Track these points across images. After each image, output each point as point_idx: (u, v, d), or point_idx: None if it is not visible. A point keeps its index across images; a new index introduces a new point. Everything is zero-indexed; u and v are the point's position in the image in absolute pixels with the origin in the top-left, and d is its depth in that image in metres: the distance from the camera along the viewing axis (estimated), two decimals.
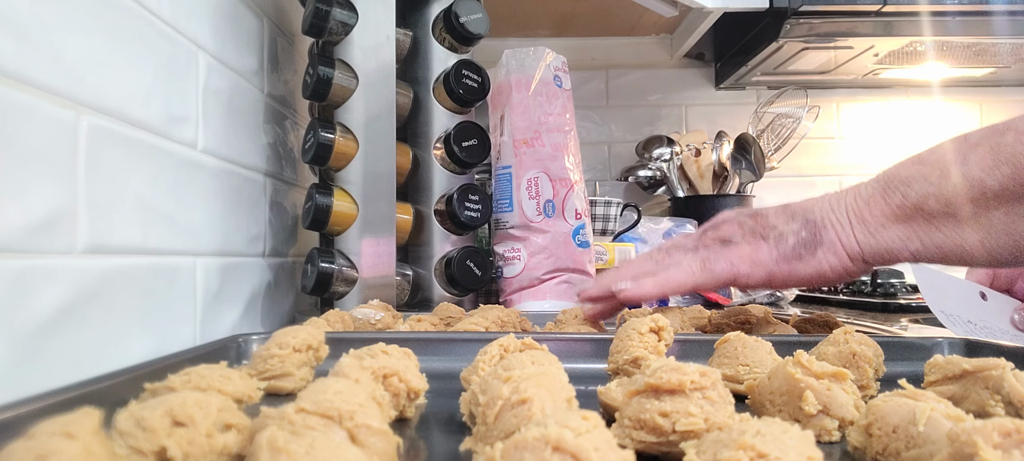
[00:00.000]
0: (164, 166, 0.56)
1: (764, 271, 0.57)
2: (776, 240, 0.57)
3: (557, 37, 1.56)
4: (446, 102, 0.83)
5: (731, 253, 0.58)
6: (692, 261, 0.59)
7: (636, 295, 0.59)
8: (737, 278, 0.58)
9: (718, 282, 0.58)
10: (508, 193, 0.88)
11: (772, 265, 0.57)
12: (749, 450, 0.23)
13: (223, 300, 0.67)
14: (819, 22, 1.20)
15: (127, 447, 0.27)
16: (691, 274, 0.59)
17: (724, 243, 0.59)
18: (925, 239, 0.52)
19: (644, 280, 0.59)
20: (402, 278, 0.83)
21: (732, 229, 0.60)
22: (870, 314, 0.96)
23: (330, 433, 0.26)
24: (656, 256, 0.62)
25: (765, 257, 0.57)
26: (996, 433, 0.24)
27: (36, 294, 0.41)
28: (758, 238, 0.58)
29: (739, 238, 0.59)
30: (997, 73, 1.47)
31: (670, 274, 0.59)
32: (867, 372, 0.42)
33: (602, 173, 1.60)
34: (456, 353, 0.51)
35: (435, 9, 0.84)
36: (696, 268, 0.59)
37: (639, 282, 0.59)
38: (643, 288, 0.59)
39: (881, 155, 1.61)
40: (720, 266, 0.58)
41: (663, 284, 0.59)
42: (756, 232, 0.58)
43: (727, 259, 0.58)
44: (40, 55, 0.41)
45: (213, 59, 0.66)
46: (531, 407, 0.29)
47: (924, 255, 0.53)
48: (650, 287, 0.59)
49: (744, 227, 0.59)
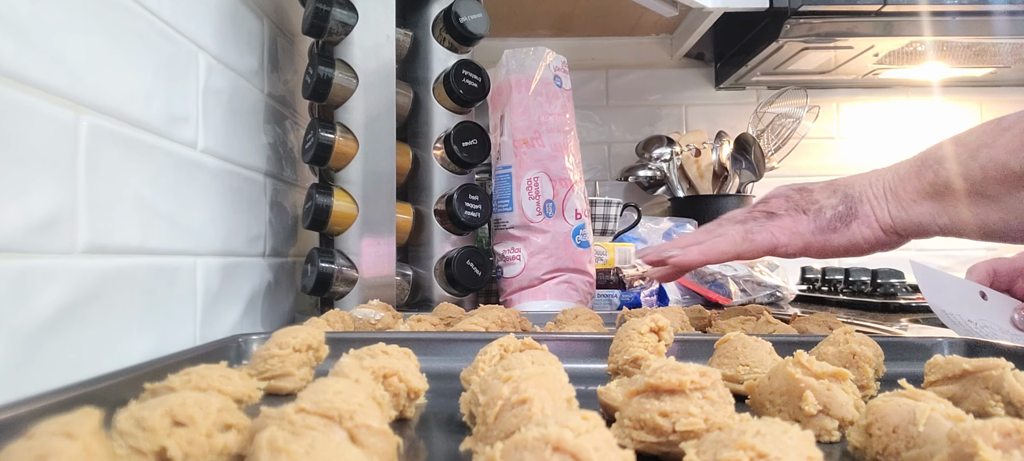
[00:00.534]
0: (164, 166, 0.56)
1: (801, 241, 0.62)
2: (815, 213, 0.62)
3: (557, 37, 1.56)
4: (446, 102, 0.83)
5: (773, 225, 0.63)
6: (736, 231, 0.64)
7: (683, 261, 0.65)
8: (776, 247, 0.62)
9: (758, 251, 0.63)
10: (508, 193, 0.88)
11: (809, 235, 0.61)
12: (749, 450, 0.23)
13: (223, 300, 0.67)
14: (819, 22, 1.20)
15: (127, 447, 0.27)
16: (733, 243, 0.63)
17: (769, 216, 0.64)
18: (953, 215, 0.56)
19: (691, 248, 0.65)
20: (402, 278, 0.83)
21: (778, 203, 0.64)
22: (870, 314, 0.96)
23: (330, 433, 0.26)
24: (709, 227, 0.67)
25: (803, 228, 0.62)
26: (996, 433, 0.24)
27: (36, 294, 0.41)
28: (799, 211, 0.63)
29: (783, 211, 0.64)
30: (997, 73, 1.47)
31: (715, 243, 0.64)
32: (867, 372, 0.42)
33: (602, 173, 1.60)
34: (456, 353, 0.51)
35: (435, 9, 0.84)
36: (738, 238, 0.63)
37: (687, 250, 0.65)
38: (690, 255, 0.65)
39: (881, 155, 1.61)
40: (762, 236, 0.63)
41: (708, 252, 0.64)
42: (799, 206, 0.63)
43: (768, 230, 0.63)
44: (40, 55, 0.41)
45: (213, 59, 0.66)
46: (531, 407, 0.29)
47: (951, 230, 0.56)
48: (696, 254, 0.65)
49: (790, 201, 0.64)
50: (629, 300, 0.96)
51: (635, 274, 0.98)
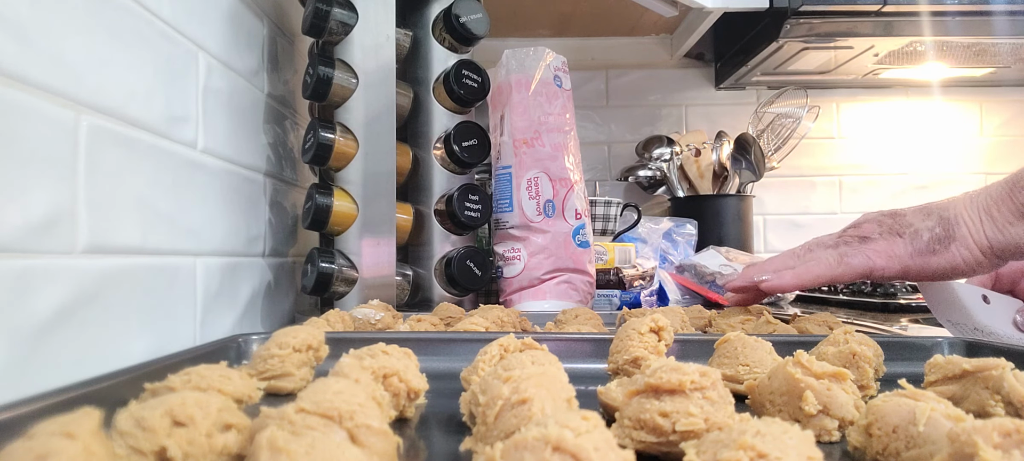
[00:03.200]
0: (164, 166, 0.56)
1: (899, 265, 0.61)
2: (911, 236, 0.61)
3: (557, 37, 1.56)
4: (446, 102, 0.83)
5: (868, 248, 0.62)
6: (830, 255, 0.63)
7: (776, 285, 0.65)
8: (873, 270, 0.62)
9: (855, 274, 0.63)
10: (508, 193, 0.88)
11: (907, 259, 0.61)
12: (749, 450, 0.23)
13: (223, 300, 0.67)
14: (819, 22, 1.20)
15: (127, 447, 0.27)
16: (828, 267, 0.63)
17: (863, 240, 0.63)
18: None
19: (784, 273, 0.65)
20: (402, 278, 0.83)
21: (871, 227, 0.64)
22: (870, 314, 0.96)
23: (330, 433, 0.26)
24: (798, 252, 0.67)
25: (900, 251, 0.61)
26: (996, 433, 0.24)
27: (36, 294, 0.41)
28: (894, 234, 0.62)
29: (877, 235, 0.63)
30: (997, 73, 1.47)
31: (809, 267, 0.64)
32: (867, 372, 0.42)
33: (602, 173, 1.60)
34: (456, 353, 0.51)
35: (435, 9, 0.84)
36: (833, 261, 0.63)
37: (780, 274, 0.65)
38: (783, 279, 0.65)
39: (881, 155, 1.61)
40: (857, 260, 0.62)
41: (802, 276, 0.64)
42: (893, 229, 0.63)
43: (864, 253, 0.62)
44: (40, 55, 0.41)
45: (213, 59, 0.66)
46: (531, 407, 0.29)
47: None
48: (790, 279, 0.64)
49: (883, 225, 0.63)
50: (629, 300, 0.96)
51: (635, 274, 0.98)
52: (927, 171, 1.60)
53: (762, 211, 1.59)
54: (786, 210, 1.61)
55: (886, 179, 1.60)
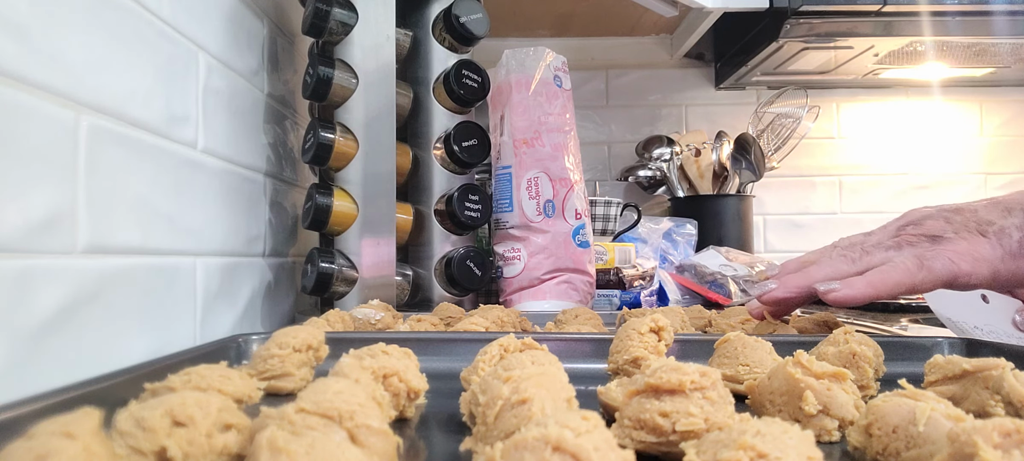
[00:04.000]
0: (164, 166, 0.56)
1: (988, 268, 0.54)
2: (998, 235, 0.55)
3: (557, 37, 1.56)
4: (446, 102, 0.83)
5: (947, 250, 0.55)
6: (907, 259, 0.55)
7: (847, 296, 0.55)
8: (958, 276, 0.54)
9: (938, 281, 0.55)
10: (508, 193, 0.88)
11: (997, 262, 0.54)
12: (749, 450, 0.23)
13: (223, 300, 0.67)
14: (819, 22, 1.20)
15: (127, 447, 0.27)
16: (908, 273, 0.54)
17: (934, 239, 0.56)
18: None
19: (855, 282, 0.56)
20: (402, 278, 0.83)
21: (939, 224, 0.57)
22: (870, 314, 0.96)
23: (330, 433, 0.26)
24: (851, 255, 0.58)
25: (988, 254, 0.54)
26: (996, 433, 0.24)
27: (36, 294, 0.41)
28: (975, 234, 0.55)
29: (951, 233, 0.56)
30: (997, 73, 1.46)
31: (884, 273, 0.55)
32: (867, 372, 0.42)
33: (602, 173, 1.60)
34: (456, 353, 0.51)
35: (435, 9, 0.84)
36: (912, 266, 0.55)
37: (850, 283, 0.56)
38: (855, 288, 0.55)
39: (881, 155, 1.61)
40: (939, 264, 0.54)
41: (878, 285, 0.55)
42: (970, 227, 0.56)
43: (945, 256, 0.54)
44: (40, 55, 0.41)
45: (213, 59, 0.66)
46: (531, 407, 0.29)
47: None
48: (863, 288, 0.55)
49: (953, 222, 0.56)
50: (629, 300, 0.96)
51: (635, 274, 0.98)
52: (927, 171, 1.60)
53: (762, 211, 1.59)
54: (786, 210, 1.61)
55: (886, 179, 1.60)
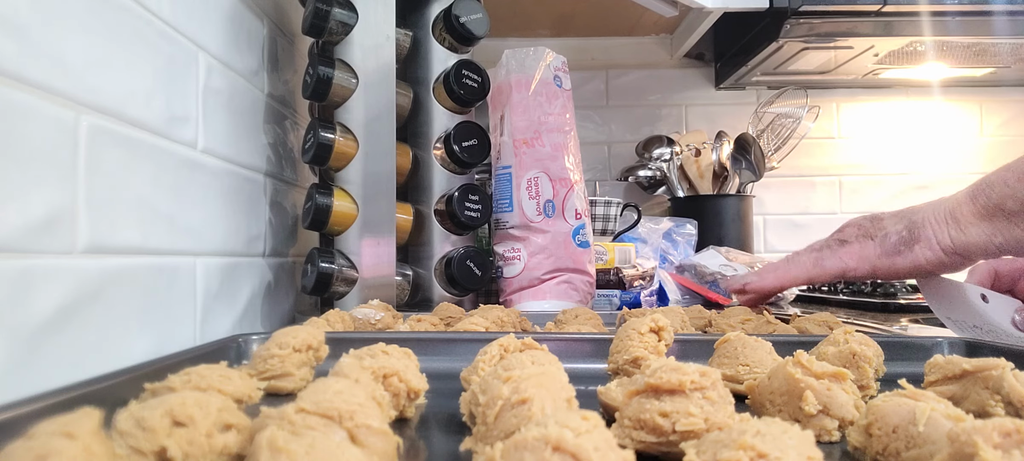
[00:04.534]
0: (164, 166, 0.56)
1: (869, 265, 0.66)
2: (882, 238, 0.66)
3: (557, 37, 1.56)
4: (446, 102, 0.83)
5: (843, 251, 0.68)
6: (808, 259, 0.70)
7: (760, 286, 0.73)
8: (846, 271, 0.68)
9: (830, 276, 0.69)
10: (508, 193, 0.88)
11: (875, 259, 0.66)
12: (749, 450, 0.23)
13: (223, 300, 0.67)
14: (819, 22, 1.20)
15: (127, 447, 0.27)
16: (804, 269, 0.70)
17: (841, 243, 0.69)
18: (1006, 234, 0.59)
19: (767, 275, 0.73)
20: (402, 278, 0.83)
21: (851, 231, 0.69)
22: (870, 314, 0.96)
23: (330, 433, 0.26)
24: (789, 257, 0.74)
25: (870, 253, 0.66)
26: (996, 433, 0.24)
27: (36, 294, 0.41)
28: (868, 237, 0.67)
29: (853, 238, 0.68)
30: (997, 73, 1.47)
31: (789, 269, 0.71)
32: (867, 372, 0.42)
33: (602, 173, 1.60)
34: (456, 353, 0.51)
35: (435, 9, 0.84)
36: (809, 264, 0.70)
37: (763, 277, 0.73)
38: (765, 281, 0.73)
39: (881, 155, 1.61)
40: (831, 262, 0.68)
41: (782, 278, 0.72)
42: (868, 232, 0.67)
43: (838, 256, 0.68)
44: (40, 55, 0.41)
45: (213, 59, 0.66)
46: (531, 407, 0.29)
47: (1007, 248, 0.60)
48: (771, 280, 0.72)
49: (861, 229, 0.68)
50: (629, 300, 0.96)
51: (635, 274, 0.98)
52: (927, 171, 1.60)
53: (762, 211, 1.59)
54: (786, 210, 1.61)
55: (886, 179, 1.61)
